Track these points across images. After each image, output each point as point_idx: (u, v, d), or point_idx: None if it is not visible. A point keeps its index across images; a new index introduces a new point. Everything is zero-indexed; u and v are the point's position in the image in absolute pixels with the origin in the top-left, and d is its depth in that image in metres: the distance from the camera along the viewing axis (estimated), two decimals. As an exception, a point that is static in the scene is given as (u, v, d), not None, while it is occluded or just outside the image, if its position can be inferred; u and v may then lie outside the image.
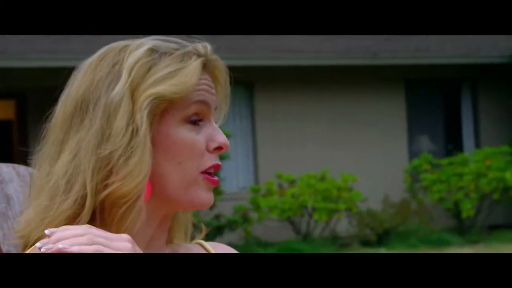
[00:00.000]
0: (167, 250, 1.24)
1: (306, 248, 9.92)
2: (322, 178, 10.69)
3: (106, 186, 1.12)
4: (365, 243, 10.45)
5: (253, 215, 10.44)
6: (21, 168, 1.39)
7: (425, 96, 12.46)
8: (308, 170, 10.92)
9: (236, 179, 11.18)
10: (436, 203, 11.18)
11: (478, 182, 10.97)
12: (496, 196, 11.05)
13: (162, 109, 1.15)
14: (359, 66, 11.67)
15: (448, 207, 11.16)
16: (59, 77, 1.21)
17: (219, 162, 1.18)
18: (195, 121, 1.17)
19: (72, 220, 1.13)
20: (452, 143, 12.55)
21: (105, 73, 1.16)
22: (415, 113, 12.31)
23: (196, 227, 1.27)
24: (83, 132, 1.14)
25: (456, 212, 11.21)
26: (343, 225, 10.74)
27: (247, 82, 11.39)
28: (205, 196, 1.17)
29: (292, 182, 10.68)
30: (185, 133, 1.16)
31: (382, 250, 9.92)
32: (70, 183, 1.13)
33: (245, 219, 10.32)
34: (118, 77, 1.14)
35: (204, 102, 1.17)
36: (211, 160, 1.17)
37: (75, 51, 9.58)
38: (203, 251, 1.27)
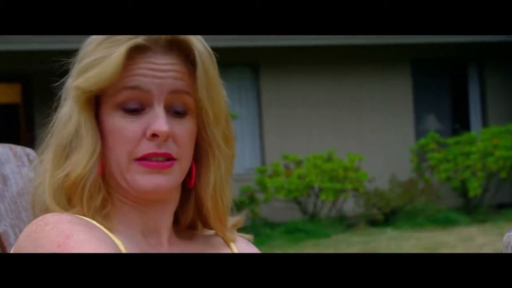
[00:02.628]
0: (180, 236, 1.24)
1: (313, 228, 9.93)
2: (329, 159, 10.67)
3: (62, 171, 1.17)
4: (372, 223, 10.45)
5: (260, 196, 10.45)
6: (18, 148, 1.39)
7: (432, 75, 12.41)
8: (315, 151, 10.90)
9: (243, 160, 11.18)
10: (443, 182, 11.16)
11: (485, 161, 10.94)
12: (503, 175, 11.03)
13: (90, 97, 1.16)
14: (365, 46, 11.62)
15: (455, 186, 11.14)
16: (65, 60, 1.22)
17: (160, 150, 1.15)
18: (134, 109, 1.15)
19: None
20: (459, 122, 12.51)
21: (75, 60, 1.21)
22: (421, 92, 12.27)
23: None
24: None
25: (463, 191, 11.20)
26: (350, 205, 10.73)
27: (252, 63, 11.36)
28: (143, 181, 1.15)
29: (298, 163, 10.67)
30: (116, 120, 1.16)
31: (389, 230, 9.92)
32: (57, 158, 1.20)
33: (252, 200, 10.32)
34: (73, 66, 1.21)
35: (136, 88, 1.15)
36: (147, 148, 1.15)
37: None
38: (225, 246, 1.27)
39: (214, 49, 1.23)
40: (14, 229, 1.31)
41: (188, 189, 1.24)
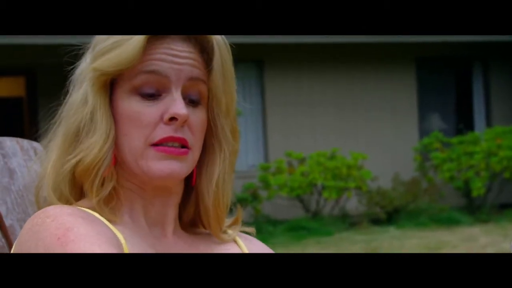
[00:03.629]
0: (186, 230, 1.23)
1: (315, 226, 9.93)
2: (332, 157, 10.67)
3: (75, 156, 1.15)
4: (375, 221, 10.44)
5: (263, 193, 10.45)
6: (25, 142, 1.38)
7: (436, 74, 12.39)
8: (318, 148, 10.90)
9: (246, 157, 11.18)
10: (446, 182, 11.15)
11: (489, 161, 10.93)
12: (506, 174, 11.01)
13: (106, 81, 1.15)
14: (370, 44, 11.61)
15: (458, 186, 11.13)
16: (69, 54, 1.21)
17: (176, 134, 1.14)
18: (150, 94, 1.15)
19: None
20: (463, 122, 12.49)
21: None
22: (426, 91, 12.25)
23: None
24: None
25: (466, 191, 11.18)
26: (352, 204, 10.73)
27: (256, 59, 11.35)
28: (157, 166, 1.14)
29: (302, 160, 10.66)
30: (132, 104, 1.15)
31: (392, 229, 9.92)
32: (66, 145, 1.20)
33: (255, 197, 10.32)
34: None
35: (154, 72, 1.14)
36: (163, 132, 1.14)
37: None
38: (231, 241, 1.26)
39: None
40: (21, 223, 1.30)
41: (190, 185, 1.22)
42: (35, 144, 1.39)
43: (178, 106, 1.14)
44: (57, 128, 1.19)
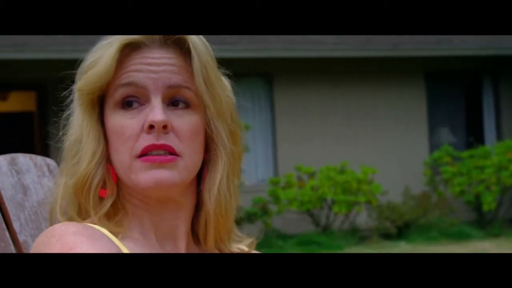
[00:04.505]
0: (200, 248, 1.22)
1: (325, 241, 9.90)
2: (342, 171, 10.65)
3: (71, 178, 1.16)
4: (385, 236, 10.40)
5: (272, 208, 10.43)
6: (38, 158, 1.39)
7: (446, 88, 12.37)
8: (328, 162, 10.88)
9: (255, 171, 11.17)
10: (457, 196, 11.10)
11: (500, 175, 10.88)
12: (517, 189, 10.97)
13: (93, 99, 1.15)
14: (380, 58, 11.61)
15: (469, 200, 11.08)
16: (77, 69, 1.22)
17: (158, 142, 1.12)
18: (132, 106, 1.14)
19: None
20: (473, 136, 12.45)
21: None
22: (435, 105, 12.23)
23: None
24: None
25: (477, 205, 11.13)
26: (362, 218, 10.70)
27: (266, 74, 11.36)
28: (144, 177, 1.12)
29: (311, 175, 10.65)
30: (116, 119, 1.14)
31: (402, 243, 9.88)
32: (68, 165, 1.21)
33: (265, 211, 10.30)
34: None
35: (131, 84, 1.13)
36: (145, 141, 1.12)
37: (94, 43, 9.52)
38: None
39: (228, 59, 1.22)
40: (34, 239, 1.30)
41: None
42: (48, 160, 1.40)
43: (155, 113, 1.11)
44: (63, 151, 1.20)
